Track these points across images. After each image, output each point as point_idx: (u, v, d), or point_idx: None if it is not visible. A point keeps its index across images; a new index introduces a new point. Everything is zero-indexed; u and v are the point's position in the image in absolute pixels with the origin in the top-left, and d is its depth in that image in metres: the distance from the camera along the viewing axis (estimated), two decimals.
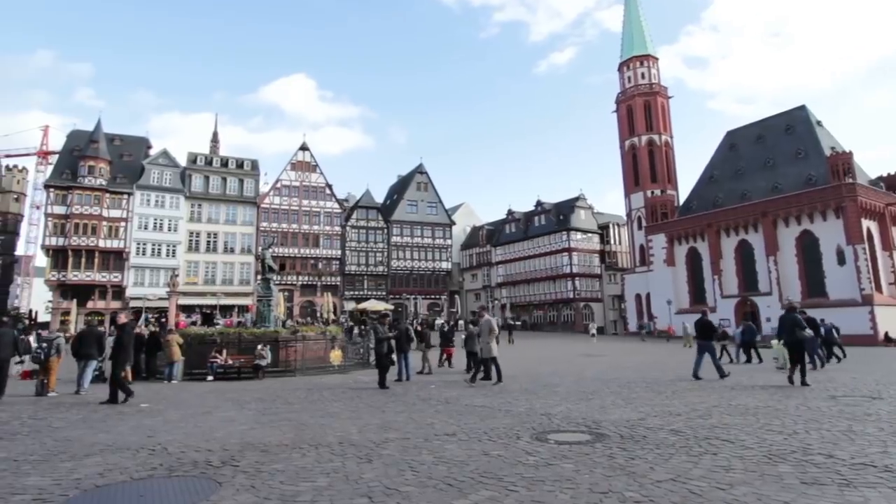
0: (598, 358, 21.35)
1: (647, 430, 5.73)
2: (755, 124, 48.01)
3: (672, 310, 43.40)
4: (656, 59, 56.07)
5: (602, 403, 7.99)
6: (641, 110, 53.95)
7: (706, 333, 12.10)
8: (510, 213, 63.07)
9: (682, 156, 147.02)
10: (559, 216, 56.97)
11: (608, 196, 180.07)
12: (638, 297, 50.65)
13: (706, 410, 7.14)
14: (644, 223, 51.39)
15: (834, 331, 17.45)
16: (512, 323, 42.56)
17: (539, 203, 59.87)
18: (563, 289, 54.91)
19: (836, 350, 17.04)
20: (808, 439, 5.12)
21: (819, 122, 43.36)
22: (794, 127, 43.54)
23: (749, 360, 17.48)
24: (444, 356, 17.33)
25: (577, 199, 57.44)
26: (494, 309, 57.52)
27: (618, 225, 59.30)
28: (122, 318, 10.07)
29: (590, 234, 56.74)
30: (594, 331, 40.52)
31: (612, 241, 58.43)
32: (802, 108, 44.62)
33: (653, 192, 52.02)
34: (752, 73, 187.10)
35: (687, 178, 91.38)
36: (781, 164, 42.44)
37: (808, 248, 38.29)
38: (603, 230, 58.27)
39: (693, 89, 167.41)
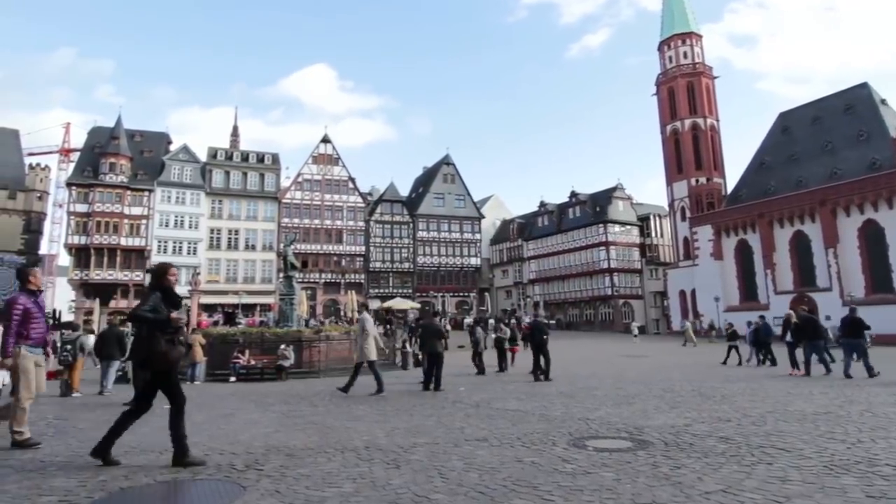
0: (639, 359, 21.02)
1: (694, 436, 5.60)
2: (810, 105, 46.38)
3: (720, 307, 42.34)
4: (700, 36, 54.66)
5: (644, 408, 7.85)
6: (684, 92, 52.67)
7: (856, 331, 12.12)
8: (542, 205, 62.54)
9: (729, 141, 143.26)
10: (595, 208, 56.21)
11: (648, 185, 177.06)
12: (682, 293, 49.65)
13: (759, 416, 6.94)
14: (688, 214, 50.26)
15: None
16: (545, 322, 42.15)
17: (573, 194, 59.19)
18: (601, 285, 54.23)
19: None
20: (874, 449, 4.93)
21: (883, 101, 41.61)
22: (855, 107, 41.86)
23: (762, 362, 16.48)
24: (511, 355, 18.29)
25: (614, 189, 56.56)
26: (527, 307, 57.24)
27: (659, 216, 58.14)
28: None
29: (628, 227, 55.84)
30: (636, 331, 39.75)
31: (652, 234, 57.35)
32: (864, 86, 42.82)
33: (697, 181, 50.82)
34: (804, 50, 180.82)
35: (735, 165, 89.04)
36: (841, 148, 40.87)
37: (873, 240, 36.79)
38: (643, 222, 57.25)
39: (740, 70, 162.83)
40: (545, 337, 13.06)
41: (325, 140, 55.95)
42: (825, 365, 12.84)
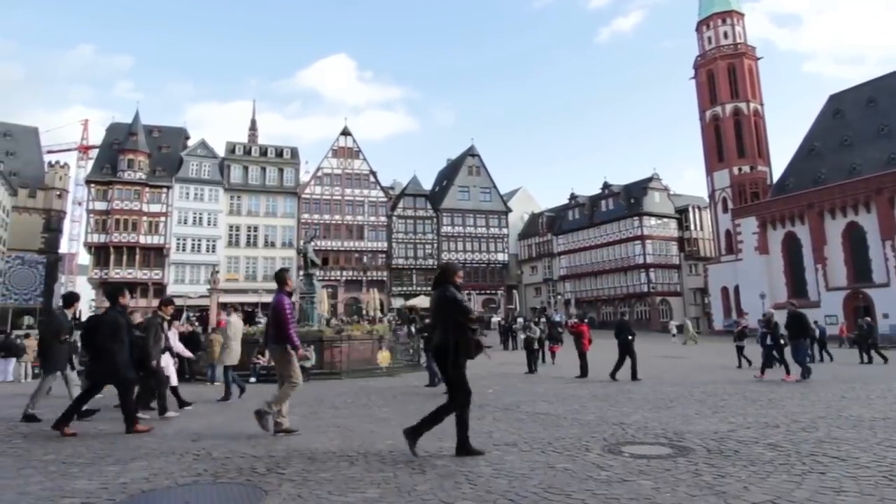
0: (678, 360, 20.69)
1: (739, 443, 5.49)
2: (865, 85, 44.93)
3: (766, 305, 41.29)
4: (741, 15, 53.37)
5: (684, 412, 7.72)
6: (725, 75, 51.51)
7: (800, 331, 12.00)
8: (573, 197, 61.96)
9: (774, 127, 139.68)
10: (630, 199, 55.45)
11: (686, 175, 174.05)
12: (724, 290, 48.70)
13: (810, 422, 6.76)
14: (730, 205, 49.21)
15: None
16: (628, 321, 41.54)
17: (606, 185, 58.50)
18: (636, 282, 53.51)
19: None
20: None
21: None
22: None
23: (768, 366, 14.80)
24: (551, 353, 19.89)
25: (650, 179, 55.67)
26: (558, 305, 56.88)
27: (698, 208, 57.03)
28: (137, 319, 10.59)
29: (666, 220, 54.94)
30: (675, 330, 38.96)
31: (691, 227, 56.31)
32: None
33: (740, 170, 49.70)
34: (855, 28, 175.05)
35: (781, 152, 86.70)
36: None
37: None
38: (681, 214, 56.25)
39: (784, 51, 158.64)
40: (630, 337, 13.31)
41: (345, 133, 56.37)
42: (803, 368, 12.14)
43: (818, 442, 5.51)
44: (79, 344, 14.65)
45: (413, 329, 25.10)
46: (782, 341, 13.07)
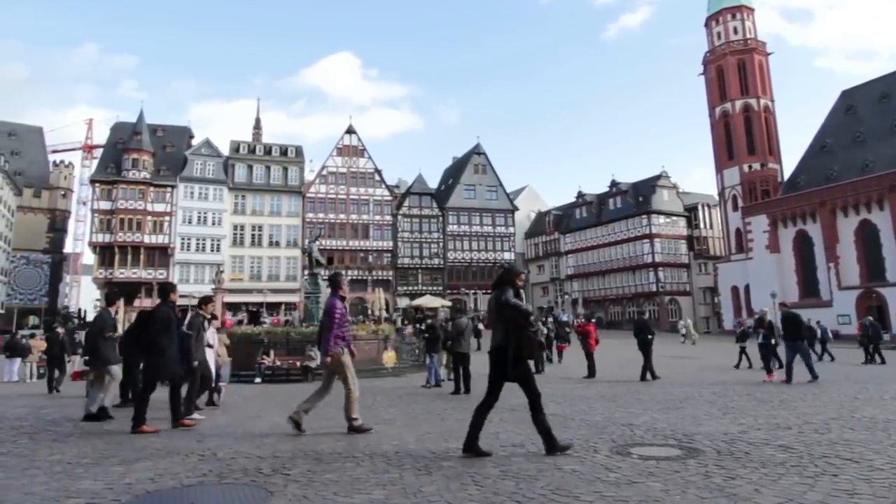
0: (687, 360, 20.62)
1: (750, 445, 5.46)
2: (877, 81, 44.56)
3: (777, 304, 41.12)
4: (751, 10, 53.06)
5: (694, 413, 7.69)
6: (734, 71, 51.23)
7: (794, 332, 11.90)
8: (580, 195, 61.85)
9: (784, 123, 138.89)
10: (638, 197, 55.26)
11: (695, 173, 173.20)
12: (734, 289, 48.45)
13: (822, 423, 6.72)
14: (741, 203, 48.95)
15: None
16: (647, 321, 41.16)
17: (614, 183, 58.35)
18: (645, 281, 53.34)
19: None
20: None
21: None
22: None
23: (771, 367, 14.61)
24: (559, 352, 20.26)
25: (658, 177, 55.47)
26: (565, 304, 56.78)
27: (708, 206, 56.77)
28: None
29: (675, 218, 54.73)
30: (684, 330, 38.47)
31: (701, 225, 56.06)
32: None
33: (751, 167, 49.42)
34: (867, 23, 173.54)
35: (792, 149, 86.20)
36: None
37: None
38: (690, 212, 56.01)
39: (795, 46, 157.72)
40: (650, 336, 13.29)
41: (350, 131, 56.46)
42: (788, 370, 11.85)
43: (831, 444, 5.47)
44: (82, 343, 14.74)
45: (417, 328, 25.14)
46: (773, 341, 12.82)
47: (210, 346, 9.38)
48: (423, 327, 15.57)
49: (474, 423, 5.23)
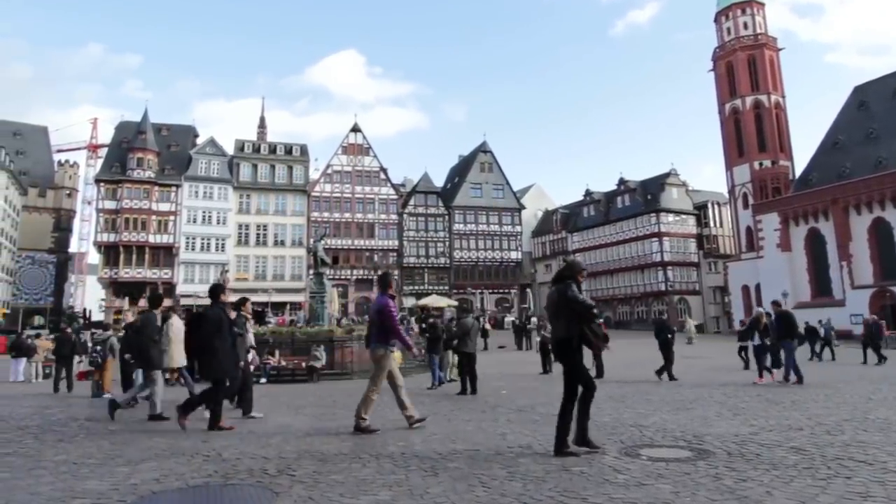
0: (697, 360, 20.53)
1: (761, 446, 5.42)
2: (891, 76, 44.23)
3: (789, 304, 40.83)
4: (761, 4, 52.71)
5: (704, 414, 7.66)
6: (745, 67, 50.91)
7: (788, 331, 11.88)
8: (588, 193, 61.68)
9: (796, 120, 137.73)
10: (646, 196, 55.05)
11: (705, 170, 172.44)
12: (745, 288, 48.16)
13: (835, 425, 6.67)
14: (751, 201, 48.66)
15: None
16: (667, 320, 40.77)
17: (622, 181, 58.14)
18: (653, 280, 53.14)
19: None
20: None
21: None
22: None
23: (775, 366, 13.22)
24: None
25: (667, 175, 55.23)
26: None
27: (718, 204, 56.47)
28: (129, 318, 10.66)
29: (684, 216, 54.48)
30: (694, 330, 37.90)
31: (711, 224, 55.79)
32: None
33: (761, 164, 49.11)
34: (879, 17, 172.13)
35: (804, 146, 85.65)
36: None
37: None
38: (700, 210, 55.75)
39: (806, 42, 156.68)
40: (671, 336, 13.38)
41: (355, 129, 56.51)
42: (796, 372, 11.62)
43: (844, 445, 5.43)
44: (87, 343, 14.83)
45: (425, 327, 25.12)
46: (767, 342, 12.64)
47: (253, 347, 9.53)
48: (424, 326, 15.48)
49: (580, 417, 5.25)
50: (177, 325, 10.85)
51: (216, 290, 7.56)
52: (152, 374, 8.32)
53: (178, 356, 10.56)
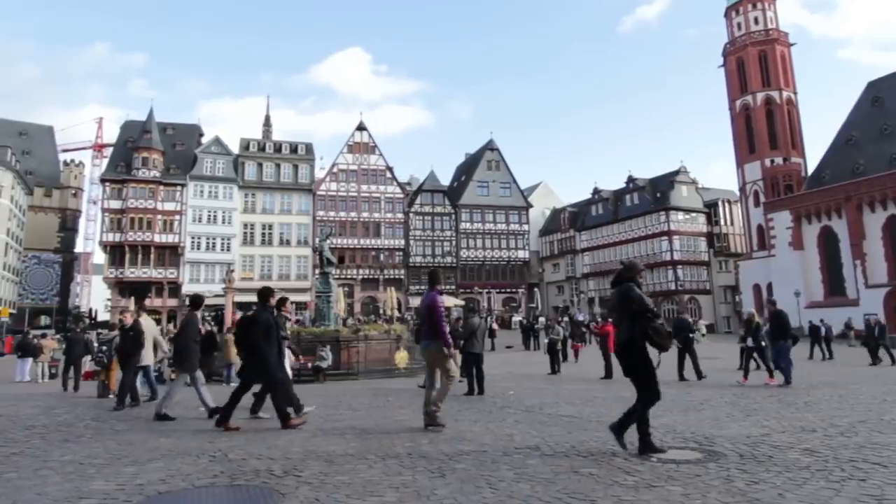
0: (709, 361, 20.43)
1: (773, 448, 5.39)
2: None
3: (801, 303, 40.57)
4: None
5: (715, 415, 7.62)
6: (756, 62, 50.57)
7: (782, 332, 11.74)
8: (596, 191, 61.48)
9: (808, 116, 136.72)
10: (655, 193, 54.83)
11: (715, 168, 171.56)
12: (756, 287, 47.89)
13: (849, 426, 6.62)
14: (763, 198, 48.37)
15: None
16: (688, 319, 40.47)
17: (631, 179, 57.92)
18: (663, 279, 52.93)
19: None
20: None
21: None
22: None
23: (758, 368, 13.36)
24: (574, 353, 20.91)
25: (676, 172, 54.99)
26: (581, 304, 56.49)
27: (728, 202, 56.19)
28: (128, 319, 10.68)
29: (694, 214, 54.23)
30: (704, 329, 37.76)
31: (721, 222, 55.51)
32: None
33: (773, 161, 48.80)
34: (892, 13, 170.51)
35: (816, 143, 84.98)
36: None
37: None
38: (710, 209, 55.47)
39: (818, 38, 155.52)
40: (692, 335, 13.31)
41: (361, 128, 56.59)
42: (784, 373, 11.48)
43: (858, 447, 5.39)
44: (94, 343, 14.91)
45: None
46: (763, 343, 12.50)
47: (291, 348, 9.65)
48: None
49: (641, 421, 5.26)
50: (144, 324, 10.94)
51: (266, 294, 7.67)
52: (194, 376, 8.47)
53: (146, 355, 10.65)
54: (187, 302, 9.61)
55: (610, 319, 18.73)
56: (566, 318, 31.63)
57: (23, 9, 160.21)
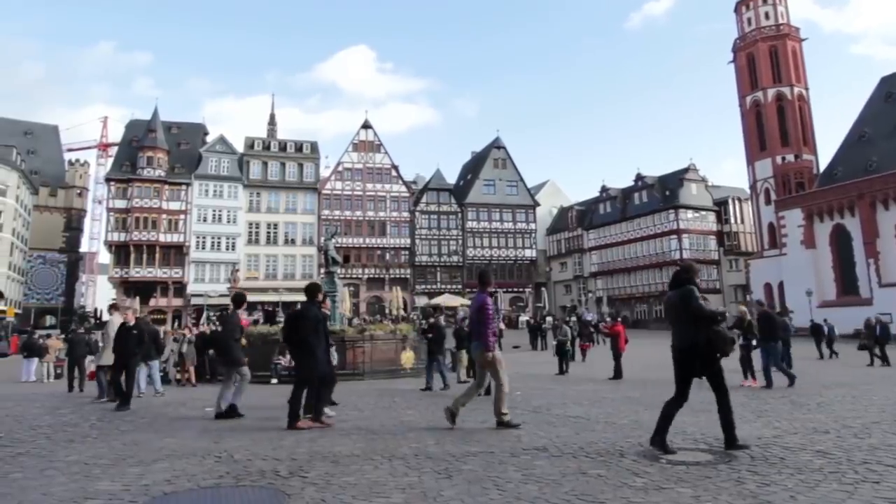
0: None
1: (785, 449, 5.36)
2: None
3: (813, 302, 40.27)
4: None
5: None
6: (766, 58, 50.20)
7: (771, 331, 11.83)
8: (604, 189, 61.31)
9: (820, 113, 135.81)
10: (664, 191, 54.62)
11: (725, 165, 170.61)
12: (768, 286, 47.57)
13: (862, 427, 6.58)
14: (774, 196, 48.05)
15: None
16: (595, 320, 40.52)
17: (639, 177, 57.72)
18: None
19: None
20: None
21: None
22: None
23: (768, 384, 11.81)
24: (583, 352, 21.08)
25: (686, 170, 54.76)
26: (589, 303, 56.37)
27: (739, 200, 55.89)
28: (130, 317, 10.69)
29: (703, 212, 53.98)
30: None
31: (731, 220, 55.24)
32: None
33: (784, 158, 48.45)
34: None
35: (828, 140, 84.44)
36: None
37: None
38: (720, 207, 55.22)
39: (829, 33, 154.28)
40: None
41: (366, 126, 56.63)
42: (786, 373, 11.42)
43: (871, 449, 5.35)
44: (98, 343, 14.97)
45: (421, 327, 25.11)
46: (754, 343, 12.36)
47: (331, 344, 9.76)
48: (425, 327, 15.23)
49: (664, 417, 5.34)
50: (117, 324, 10.96)
51: (314, 290, 7.78)
52: (240, 371, 8.56)
53: (106, 355, 10.68)
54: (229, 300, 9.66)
55: (619, 319, 18.72)
56: (574, 318, 31.56)
57: (28, 8, 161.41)
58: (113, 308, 12.54)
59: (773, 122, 49.43)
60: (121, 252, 48.33)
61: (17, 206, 55.33)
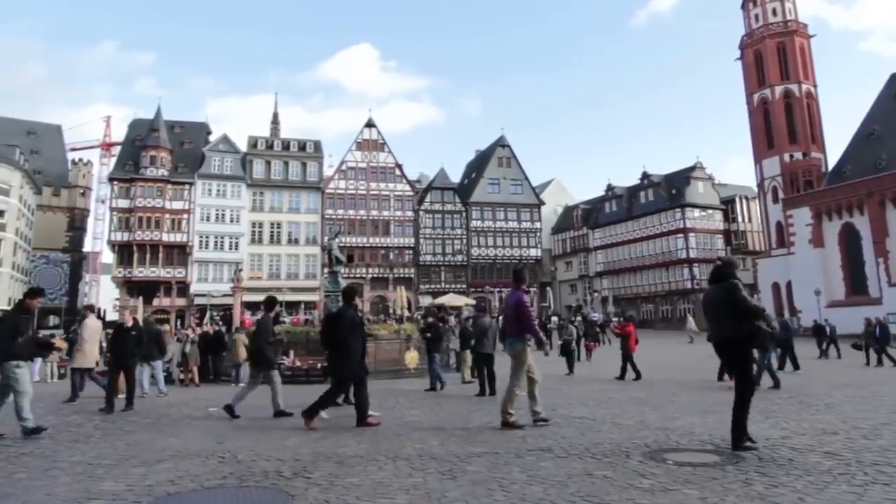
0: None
1: (793, 451, 5.34)
2: None
3: (821, 302, 40.08)
4: None
5: None
6: (774, 55, 49.96)
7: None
8: (610, 188, 61.21)
9: (828, 110, 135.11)
10: (671, 190, 54.45)
11: (732, 163, 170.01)
12: (776, 286, 47.40)
13: (872, 429, 6.54)
14: (781, 195, 47.83)
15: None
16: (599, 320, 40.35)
17: (645, 175, 57.58)
18: (679, 277, 52.59)
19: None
20: None
21: None
22: None
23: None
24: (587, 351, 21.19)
25: (692, 168, 54.59)
26: (595, 302, 56.27)
27: (746, 198, 55.68)
28: (128, 318, 10.73)
29: (710, 211, 53.82)
30: (694, 326, 36.24)
31: (739, 219, 55.04)
32: None
33: (792, 156, 48.22)
34: None
35: (837, 138, 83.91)
36: None
37: None
38: (727, 205, 55.03)
39: (838, 30, 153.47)
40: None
41: (370, 125, 56.65)
42: (771, 375, 11.39)
43: (881, 450, 5.32)
44: (102, 343, 15.02)
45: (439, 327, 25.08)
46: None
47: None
48: (423, 326, 15.28)
49: (739, 418, 5.42)
50: (91, 325, 11.02)
51: (351, 292, 8.03)
52: (270, 374, 8.68)
53: (90, 356, 10.73)
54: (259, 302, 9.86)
55: (625, 318, 18.62)
56: (579, 318, 31.51)
57: (30, 8, 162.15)
58: (87, 309, 12.62)
59: (781, 120, 49.21)
60: (124, 252, 48.50)
61: (21, 205, 55.58)
